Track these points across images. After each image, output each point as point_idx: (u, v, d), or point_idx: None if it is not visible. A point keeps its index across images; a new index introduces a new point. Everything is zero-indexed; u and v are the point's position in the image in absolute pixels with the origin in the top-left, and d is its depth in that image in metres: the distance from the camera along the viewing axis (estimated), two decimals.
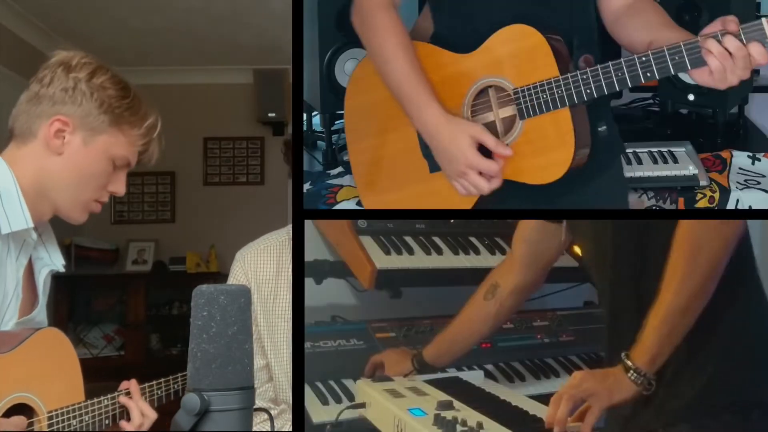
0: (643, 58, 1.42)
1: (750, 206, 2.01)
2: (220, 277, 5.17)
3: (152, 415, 1.49)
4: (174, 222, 5.66)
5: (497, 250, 2.20)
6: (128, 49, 5.03)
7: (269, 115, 5.47)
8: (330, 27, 2.13)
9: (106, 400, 1.45)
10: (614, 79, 1.44)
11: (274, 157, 5.62)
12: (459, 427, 1.36)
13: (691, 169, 2.04)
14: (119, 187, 1.54)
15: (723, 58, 1.36)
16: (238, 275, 1.79)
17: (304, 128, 2.39)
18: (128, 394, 1.50)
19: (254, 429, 1.25)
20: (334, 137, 2.34)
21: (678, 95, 2.23)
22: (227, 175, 5.70)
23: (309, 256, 2.03)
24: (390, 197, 1.71)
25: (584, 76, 1.46)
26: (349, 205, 2.03)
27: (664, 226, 1.49)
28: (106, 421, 1.43)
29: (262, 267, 1.78)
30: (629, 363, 1.33)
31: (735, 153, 2.17)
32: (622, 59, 1.44)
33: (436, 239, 2.14)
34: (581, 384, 1.33)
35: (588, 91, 1.46)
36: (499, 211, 1.85)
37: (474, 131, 1.52)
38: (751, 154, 2.17)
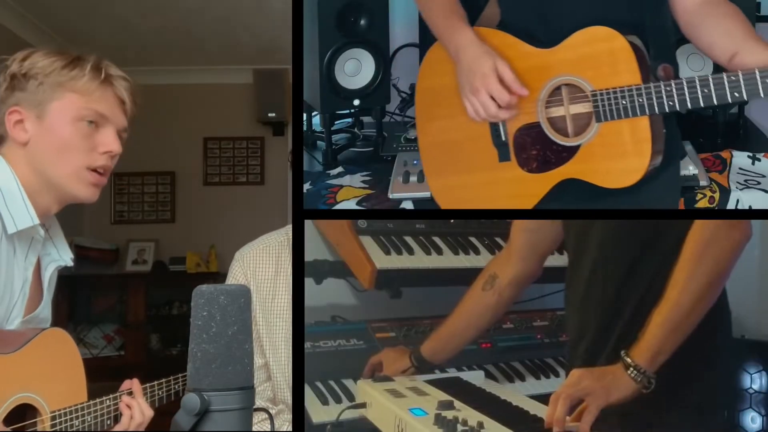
0: (733, 78, 1.39)
1: (750, 206, 2.01)
2: (220, 277, 5.17)
3: (150, 413, 1.50)
4: (174, 222, 5.66)
5: (497, 250, 2.19)
6: (128, 49, 5.02)
7: (269, 115, 5.47)
8: (330, 27, 2.13)
9: (108, 400, 1.45)
10: (699, 95, 1.42)
11: (274, 157, 5.62)
12: (460, 427, 1.36)
13: (691, 169, 2.04)
14: (111, 145, 1.50)
15: None
16: (237, 275, 1.79)
17: (304, 128, 2.39)
18: (130, 393, 1.51)
19: (254, 429, 1.25)
20: (334, 137, 2.34)
21: None
22: (227, 175, 5.69)
23: (309, 256, 2.03)
24: (456, 181, 1.73)
25: (668, 88, 1.44)
26: (349, 205, 2.03)
27: (664, 227, 1.49)
28: (108, 422, 1.43)
29: (261, 267, 1.78)
30: (629, 360, 1.33)
31: (735, 153, 2.17)
32: (709, 76, 1.41)
33: (436, 239, 2.14)
34: (579, 382, 1.32)
35: (671, 103, 1.44)
36: (499, 211, 1.85)
37: (498, 61, 1.55)
38: (751, 154, 2.17)
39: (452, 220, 2.17)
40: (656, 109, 1.45)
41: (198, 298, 0.94)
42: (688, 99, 1.43)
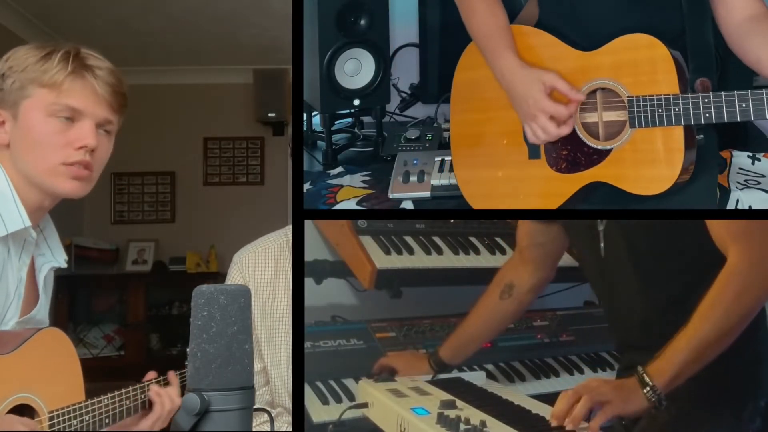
0: None
1: (750, 206, 2.01)
2: (220, 277, 5.17)
3: (179, 401, 1.53)
4: (174, 222, 5.66)
5: (497, 250, 2.19)
6: (128, 49, 5.03)
7: (269, 115, 5.47)
8: (330, 27, 2.13)
9: (105, 399, 1.45)
10: (737, 109, 1.42)
11: (274, 157, 5.62)
12: (462, 426, 1.36)
13: None
14: (86, 139, 1.43)
15: None
16: (235, 278, 1.78)
17: (304, 128, 2.39)
18: (158, 382, 1.55)
19: (254, 430, 1.25)
20: (334, 137, 2.34)
21: None
22: (227, 175, 5.70)
23: (309, 256, 2.03)
24: (483, 174, 1.73)
25: (705, 100, 1.44)
26: (349, 205, 2.02)
27: (665, 226, 1.49)
28: (107, 420, 1.44)
29: (259, 269, 1.77)
30: (647, 379, 1.33)
31: (735, 153, 2.17)
32: (749, 91, 1.41)
33: (436, 239, 2.14)
34: (599, 388, 1.33)
35: (707, 115, 1.44)
36: (499, 211, 1.85)
37: (546, 78, 1.56)
38: (751, 154, 2.16)
39: (452, 220, 2.17)
40: (692, 119, 1.46)
41: (198, 298, 0.94)
42: (725, 112, 1.43)
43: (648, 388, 1.33)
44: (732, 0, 1.55)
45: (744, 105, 1.41)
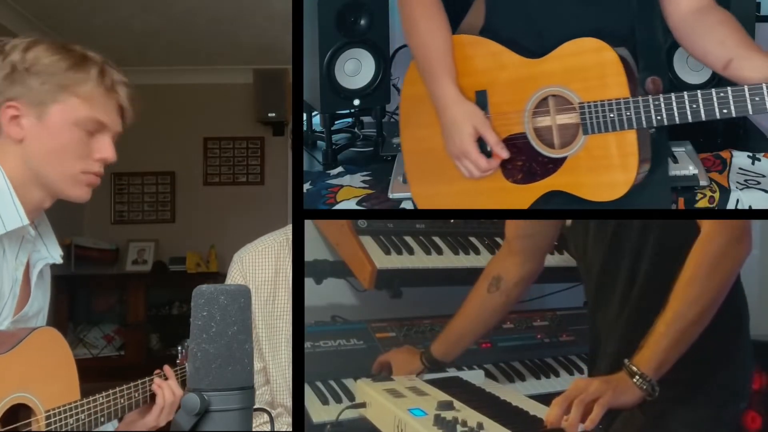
0: (722, 94, 1.38)
1: (750, 206, 2.01)
2: (220, 277, 5.16)
3: (180, 392, 1.56)
4: (174, 222, 5.66)
5: (497, 250, 2.19)
6: (128, 49, 5.03)
7: (269, 115, 5.47)
8: (330, 27, 2.13)
9: (101, 398, 1.45)
10: (688, 110, 1.41)
11: (274, 157, 5.62)
12: (459, 428, 1.36)
13: (691, 169, 2.04)
14: (106, 153, 1.48)
15: None
16: (236, 277, 1.78)
17: (304, 128, 2.39)
18: (160, 376, 1.57)
19: (254, 430, 1.25)
20: (334, 137, 2.34)
21: None
22: (227, 175, 5.70)
23: (309, 256, 2.03)
24: (437, 190, 1.72)
25: (656, 102, 1.43)
26: (349, 205, 2.02)
27: (664, 227, 1.49)
28: (102, 419, 1.44)
29: (260, 269, 1.77)
30: (634, 368, 1.34)
31: (735, 153, 2.17)
32: (698, 92, 1.40)
33: (436, 239, 2.14)
34: (588, 387, 1.33)
35: (659, 117, 1.43)
36: (499, 212, 1.85)
37: (477, 122, 1.53)
38: (751, 154, 2.17)
39: (452, 220, 2.17)
40: (644, 123, 1.45)
41: (198, 298, 0.94)
42: (676, 114, 1.42)
43: (637, 377, 1.33)
44: None
45: (695, 105, 1.41)
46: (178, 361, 1.65)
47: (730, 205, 2.01)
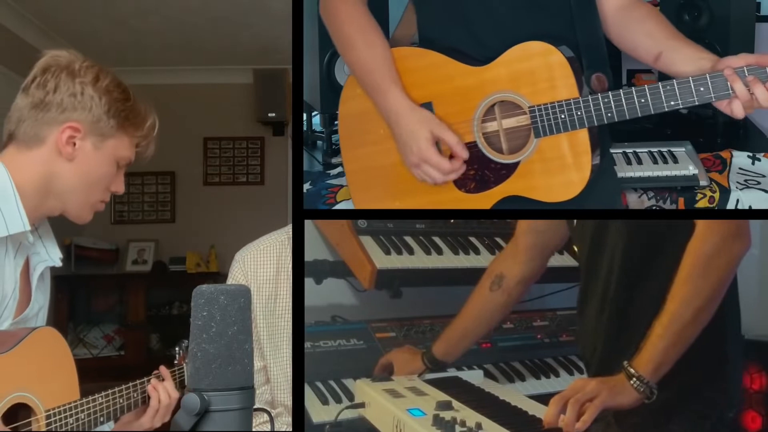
0: (668, 87, 1.41)
1: (750, 206, 2.01)
2: (220, 277, 5.17)
3: (176, 395, 1.57)
4: (174, 222, 5.66)
5: (497, 250, 2.20)
6: (128, 49, 5.03)
7: (269, 115, 5.47)
8: None
9: (100, 398, 1.45)
10: (637, 105, 1.43)
11: (274, 157, 5.62)
12: (458, 428, 1.36)
13: (691, 169, 2.04)
14: (120, 186, 1.57)
15: (745, 96, 1.37)
16: (237, 277, 1.78)
17: (304, 128, 2.39)
18: (158, 377, 1.57)
19: (254, 430, 1.25)
20: (334, 137, 2.34)
21: None
22: (227, 175, 5.69)
23: (309, 256, 2.03)
24: (391, 207, 1.69)
25: (605, 100, 1.44)
26: (349, 205, 2.02)
27: (662, 226, 1.49)
28: (101, 419, 1.44)
29: (261, 268, 1.77)
30: (632, 371, 1.33)
31: (735, 153, 2.17)
32: (645, 86, 1.42)
33: (436, 239, 2.14)
34: (584, 387, 1.33)
35: (609, 114, 1.45)
36: (499, 211, 1.85)
37: (434, 126, 1.52)
38: (751, 154, 2.17)
39: (452, 220, 2.17)
40: (595, 121, 1.46)
41: (198, 298, 0.94)
42: (626, 110, 1.44)
43: (634, 379, 1.33)
44: None
45: (643, 100, 1.42)
46: (175, 362, 1.65)
47: (730, 205, 2.01)
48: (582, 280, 1.63)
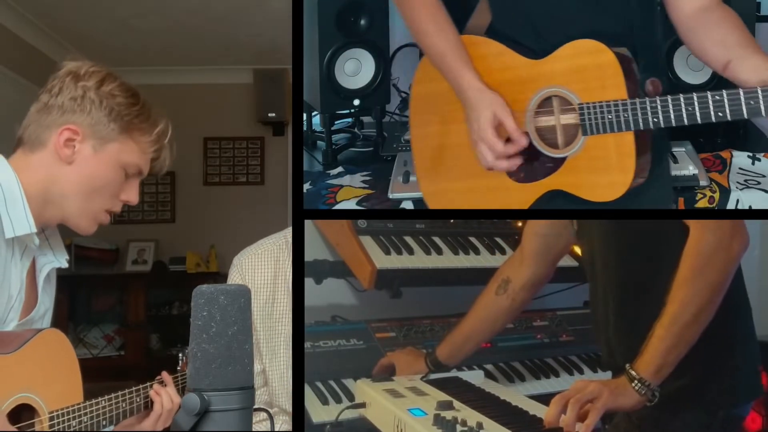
0: (717, 97, 1.38)
1: (750, 206, 2.01)
2: (220, 277, 5.17)
3: (178, 400, 1.55)
4: (174, 222, 5.67)
5: (497, 250, 2.19)
6: (128, 49, 5.03)
7: (269, 115, 5.48)
8: (330, 27, 2.13)
9: (103, 401, 1.45)
10: (684, 113, 1.41)
11: (274, 157, 5.63)
12: (459, 427, 1.36)
13: (691, 169, 2.04)
14: (132, 196, 1.53)
15: None
16: (236, 281, 1.78)
17: (304, 128, 2.40)
18: (160, 382, 1.56)
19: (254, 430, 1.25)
20: (334, 137, 2.34)
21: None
22: (227, 175, 5.70)
23: (309, 256, 2.03)
24: (446, 186, 1.73)
25: (653, 105, 1.43)
26: (349, 205, 2.03)
27: (664, 226, 1.49)
28: (104, 422, 1.44)
29: (259, 272, 1.77)
30: (633, 373, 1.34)
31: (735, 153, 2.17)
32: (694, 95, 1.40)
33: (436, 239, 2.14)
34: (586, 387, 1.33)
35: (655, 120, 1.44)
36: (499, 211, 1.85)
37: (498, 108, 1.54)
38: (751, 154, 2.17)
39: (452, 220, 2.17)
40: (641, 125, 1.46)
41: (198, 298, 0.94)
42: (672, 116, 1.43)
43: (636, 382, 1.33)
44: None
45: (690, 108, 1.40)
46: (178, 368, 1.65)
47: (730, 205, 2.02)
48: (594, 280, 1.63)
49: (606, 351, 1.61)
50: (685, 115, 1.41)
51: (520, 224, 2.20)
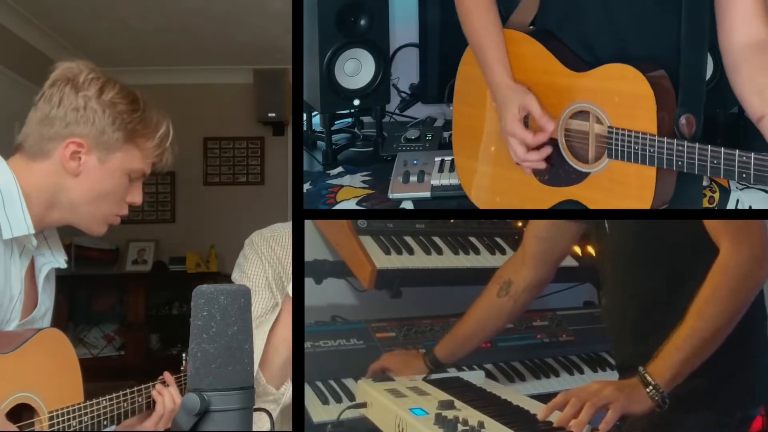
0: (744, 158, 1.33)
1: (750, 206, 2.01)
2: (220, 277, 5.17)
3: (180, 401, 1.55)
4: (174, 222, 5.67)
5: (497, 250, 2.19)
6: (128, 49, 5.03)
7: (269, 115, 5.48)
8: (330, 27, 2.13)
9: (104, 401, 1.45)
10: (708, 165, 1.38)
11: (274, 157, 5.63)
12: (460, 427, 1.36)
13: None
14: (137, 197, 1.56)
15: None
16: (249, 254, 1.76)
17: (304, 128, 2.40)
18: (162, 382, 1.57)
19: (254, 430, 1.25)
20: (334, 137, 2.34)
21: None
22: (227, 175, 5.70)
23: (309, 256, 2.03)
24: (475, 166, 1.78)
25: (680, 149, 1.41)
26: (349, 205, 2.03)
27: (661, 226, 1.49)
28: (105, 422, 1.44)
29: (272, 249, 1.77)
30: (649, 378, 1.34)
31: None
32: (722, 149, 1.36)
33: (436, 239, 2.14)
34: (602, 391, 1.33)
35: (679, 163, 1.41)
36: (500, 211, 1.85)
37: (524, 100, 1.56)
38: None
39: (452, 220, 2.17)
40: (664, 164, 1.44)
41: (198, 298, 0.94)
42: (696, 166, 1.40)
43: (651, 388, 1.33)
44: (733, 20, 1.44)
45: (715, 162, 1.36)
46: (182, 369, 1.65)
47: (730, 206, 2.01)
48: (607, 283, 1.63)
49: (620, 351, 1.61)
50: (708, 167, 1.38)
51: (520, 224, 2.21)
